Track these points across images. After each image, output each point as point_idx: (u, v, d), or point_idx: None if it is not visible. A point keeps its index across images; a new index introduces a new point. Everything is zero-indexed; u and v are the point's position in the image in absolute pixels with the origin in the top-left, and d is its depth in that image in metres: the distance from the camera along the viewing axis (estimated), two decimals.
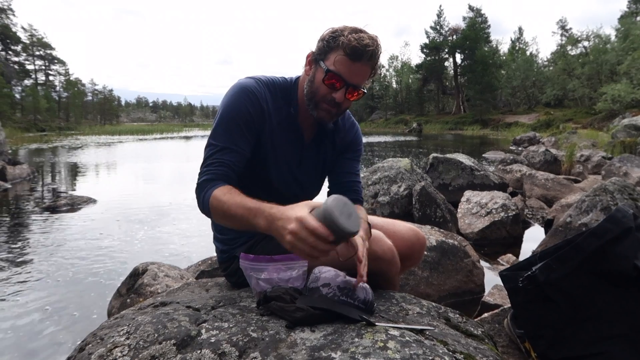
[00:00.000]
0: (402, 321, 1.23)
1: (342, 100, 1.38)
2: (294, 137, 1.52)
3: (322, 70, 1.37)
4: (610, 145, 11.93)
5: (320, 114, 1.43)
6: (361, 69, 1.36)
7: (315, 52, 1.41)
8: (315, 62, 1.41)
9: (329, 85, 1.37)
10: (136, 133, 38.33)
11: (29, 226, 5.43)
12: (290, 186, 1.56)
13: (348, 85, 1.37)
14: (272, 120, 1.46)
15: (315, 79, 1.40)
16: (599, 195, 3.52)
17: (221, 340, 1.07)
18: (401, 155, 15.35)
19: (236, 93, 1.41)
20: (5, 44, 52.14)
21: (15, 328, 2.77)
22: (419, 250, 1.60)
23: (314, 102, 1.42)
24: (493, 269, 3.55)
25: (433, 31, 58.32)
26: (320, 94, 1.39)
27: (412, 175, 5.19)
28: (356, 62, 1.34)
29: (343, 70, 1.34)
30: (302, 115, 1.52)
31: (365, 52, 1.32)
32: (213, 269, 3.07)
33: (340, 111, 1.45)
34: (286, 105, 1.49)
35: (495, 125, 40.52)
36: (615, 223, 1.22)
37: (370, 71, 1.40)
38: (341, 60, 1.34)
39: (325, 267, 1.28)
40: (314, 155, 1.59)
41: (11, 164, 9.83)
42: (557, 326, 1.29)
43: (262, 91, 1.44)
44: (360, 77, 1.38)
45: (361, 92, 1.42)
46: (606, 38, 40.82)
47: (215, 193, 1.28)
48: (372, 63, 1.38)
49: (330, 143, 1.61)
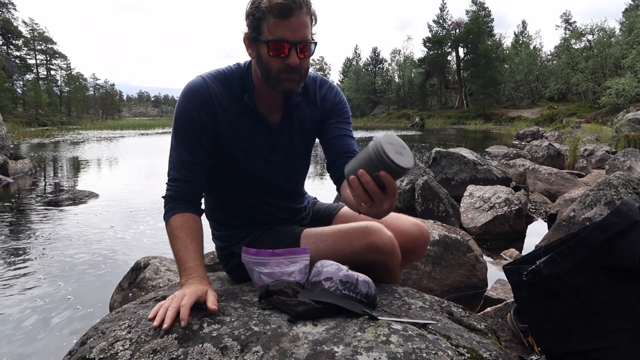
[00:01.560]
0: (405, 315, 1.22)
1: (297, 62, 1.30)
2: (257, 124, 1.45)
3: (264, 45, 1.29)
4: (614, 140, 11.87)
5: (285, 86, 1.35)
6: (298, 21, 1.26)
7: (248, 32, 1.34)
8: (253, 40, 1.33)
9: (276, 54, 1.29)
10: (138, 128, 38.36)
11: (31, 221, 5.44)
12: (269, 175, 1.51)
13: (294, 44, 1.28)
14: (229, 112, 1.41)
15: (262, 56, 1.32)
16: (603, 190, 3.51)
17: (223, 334, 1.06)
18: None
19: (184, 99, 1.38)
20: (7, 39, 52.19)
21: (17, 322, 2.78)
22: (423, 245, 1.57)
23: (272, 79, 1.34)
24: (496, 263, 3.54)
25: (436, 25, 58.13)
26: (274, 68, 1.31)
27: (415, 170, 5.17)
28: (290, 18, 1.25)
29: (282, 33, 1.26)
30: (261, 100, 1.44)
31: (293, 4, 1.23)
32: (215, 263, 3.07)
33: (302, 74, 1.36)
34: (242, 93, 1.43)
35: (498, 120, 40.43)
36: (621, 216, 1.21)
37: (309, 19, 1.31)
38: (275, 24, 1.25)
39: (328, 261, 1.27)
40: (287, 136, 1.51)
41: (13, 158, 9.85)
42: (561, 320, 1.28)
43: (212, 87, 1.38)
44: (301, 30, 1.28)
45: (311, 44, 1.33)
46: (610, 32, 40.66)
47: (171, 221, 1.35)
48: (306, 10, 1.28)
49: (305, 115, 1.52)
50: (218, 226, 1.60)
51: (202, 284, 1.22)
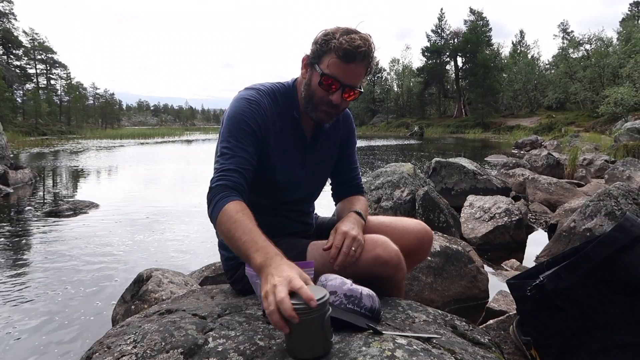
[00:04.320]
0: (409, 329, 1.23)
1: (339, 101, 1.44)
2: (297, 139, 1.56)
3: (318, 74, 1.41)
4: (613, 149, 11.91)
5: (319, 116, 1.48)
6: (355, 69, 1.40)
7: (309, 56, 1.46)
8: (310, 65, 1.46)
9: (325, 88, 1.42)
10: (137, 137, 38.38)
11: (31, 231, 5.43)
12: (294, 188, 1.59)
13: (344, 86, 1.41)
14: (275, 126, 1.49)
15: (312, 83, 1.45)
16: (603, 200, 3.52)
17: (228, 349, 1.07)
18: (403, 159, 15.37)
19: (241, 104, 1.44)
20: (7, 48, 52.31)
21: (19, 335, 2.76)
22: (428, 243, 1.63)
23: (312, 104, 1.46)
24: (497, 274, 3.54)
25: (434, 34, 58.49)
26: (317, 97, 1.44)
27: (415, 180, 5.18)
28: (350, 64, 1.38)
29: (337, 73, 1.39)
30: (303, 117, 1.56)
31: (357, 54, 1.36)
32: (217, 275, 3.07)
33: (338, 112, 1.50)
34: (288, 109, 1.53)
35: (497, 129, 40.56)
36: (624, 232, 1.22)
37: (365, 70, 1.44)
38: (335, 63, 1.38)
39: (332, 275, 1.28)
40: (316, 154, 1.63)
41: (13, 168, 9.84)
42: (565, 335, 1.29)
43: (264, 100, 1.47)
44: (354, 77, 1.42)
45: (357, 92, 1.46)
46: (608, 41, 40.94)
47: (228, 207, 1.27)
48: (366, 62, 1.41)
49: (331, 140, 1.67)
50: None
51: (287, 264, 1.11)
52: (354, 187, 1.77)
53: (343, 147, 1.73)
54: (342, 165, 1.75)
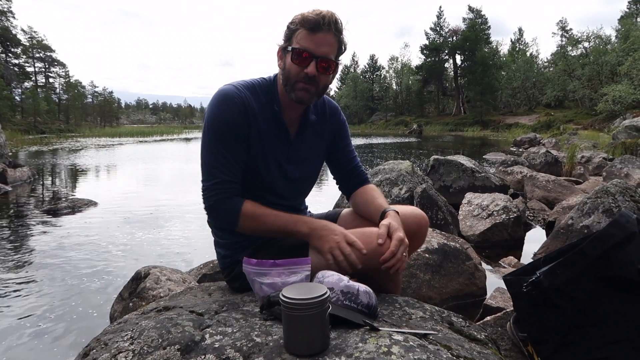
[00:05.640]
0: (406, 326, 1.23)
1: (314, 72, 1.41)
2: (280, 133, 1.55)
3: (290, 52, 1.42)
4: (611, 147, 11.93)
5: (299, 95, 1.45)
6: (324, 38, 1.40)
7: (282, 44, 1.47)
8: (283, 50, 1.47)
9: (297, 62, 1.41)
10: (136, 135, 38.30)
11: (29, 229, 5.43)
12: (280, 183, 1.58)
13: (316, 57, 1.40)
14: (257, 120, 1.49)
15: (286, 64, 1.45)
16: (600, 198, 3.52)
17: (225, 346, 1.07)
18: (402, 156, 15.36)
19: (218, 102, 1.44)
20: (5, 47, 52.14)
21: (17, 333, 2.76)
22: (425, 227, 1.65)
23: (290, 85, 1.45)
24: (495, 271, 3.55)
25: (433, 32, 58.34)
26: (293, 74, 1.43)
27: (413, 178, 5.18)
28: (317, 33, 1.39)
29: (307, 44, 1.39)
30: (285, 111, 1.55)
31: (323, 22, 1.37)
32: (215, 272, 3.07)
33: (318, 88, 1.46)
34: (269, 102, 1.52)
35: (496, 127, 40.52)
36: (620, 228, 1.22)
37: (337, 42, 1.43)
38: (303, 36, 1.40)
39: (329, 272, 1.28)
40: (301, 149, 1.62)
41: (12, 166, 9.82)
42: (561, 331, 1.29)
43: (243, 94, 1.46)
44: (325, 46, 1.41)
45: (333, 63, 1.45)
46: (606, 39, 40.92)
47: (246, 206, 1.43)
48: (335, 32, 1.41)
49: (318, 135, 1.66)
50: (222, 234, 1.61)
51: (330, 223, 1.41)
52: (361, 177, 1.77)
53: (336, 140, 1.73)
54: (340, 158, 1.75)
